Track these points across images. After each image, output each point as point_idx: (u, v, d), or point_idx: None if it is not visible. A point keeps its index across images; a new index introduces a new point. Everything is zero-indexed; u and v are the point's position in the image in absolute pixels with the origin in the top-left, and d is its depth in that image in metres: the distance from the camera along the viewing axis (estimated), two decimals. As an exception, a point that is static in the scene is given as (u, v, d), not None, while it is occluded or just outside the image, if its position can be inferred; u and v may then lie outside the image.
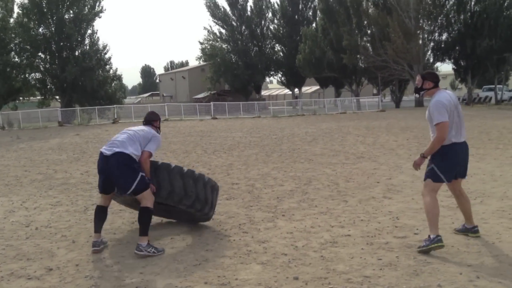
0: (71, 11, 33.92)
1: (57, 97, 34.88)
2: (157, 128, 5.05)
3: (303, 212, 5.80)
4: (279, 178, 8.13)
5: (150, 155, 4.68)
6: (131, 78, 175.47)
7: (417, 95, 4.75)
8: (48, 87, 33.89)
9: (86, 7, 34.39)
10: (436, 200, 4.51)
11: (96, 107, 28.99)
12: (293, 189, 7.22)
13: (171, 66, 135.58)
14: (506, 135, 13.86)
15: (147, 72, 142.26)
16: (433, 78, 4.59)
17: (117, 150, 4.51)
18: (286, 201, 6.44)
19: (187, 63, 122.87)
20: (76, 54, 33.90)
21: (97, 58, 33.66)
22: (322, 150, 11.96)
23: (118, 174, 4.50)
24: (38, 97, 35.26)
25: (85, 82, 31.72)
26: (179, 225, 5.44)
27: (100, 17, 34.72)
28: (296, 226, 5.16)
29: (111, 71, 35.38)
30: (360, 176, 8.18)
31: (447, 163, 4.45)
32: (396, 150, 11.41)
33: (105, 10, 34.78)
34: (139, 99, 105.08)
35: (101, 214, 4.72)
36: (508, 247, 4.26)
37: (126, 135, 4.70)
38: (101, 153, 4.61)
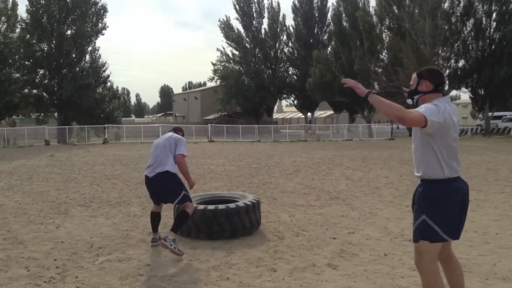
0: (74, 27, 33.27)
1: (55, 114, 34.02)
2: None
3: (202, 288, 4.16)
4: (215, 226, 6.50)
5: (183, 156, 5.29)
6: (153, 98, 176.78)
7: (409, 101, 3.14)
8: (45, 104, 33.04)
9: (89, 24, 33.74)
10: (439, 274, 2.96)
11: (86, 126, 27.86)
12: (219, 246, 5.58)
13: (189, 86, 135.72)
14: (517, 174, 12.00)
15: (165, 92, 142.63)
16: (434, 78, 3.02)
17: (158, 170, 5.16)
18: (194, 266, 4.81)
19: (204, 84, 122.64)
20: (77, 70, 33.07)
21: (95, 76, 32.73)
22: (296, 185, 10.31)
23: (163, 193, 5.28)
24: (37, 114, 34.50)
25: (81, 99, 30.71)
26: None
27: (103, 34, 34.03)
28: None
29: (111, 90, 34.47)
30: (319, 226, 6.52)
31: (446, 209, 2.88)
32: (381, 190, 9.69)
33: (108, 27, 34.10)
34: (155, 118, 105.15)
35: (155, 217, 5.53)
36: None
37: (158, 151, 5.27)
38: (146, 176, 5.30)
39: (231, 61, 59.70)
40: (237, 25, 59.49)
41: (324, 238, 5.88)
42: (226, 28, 58.61)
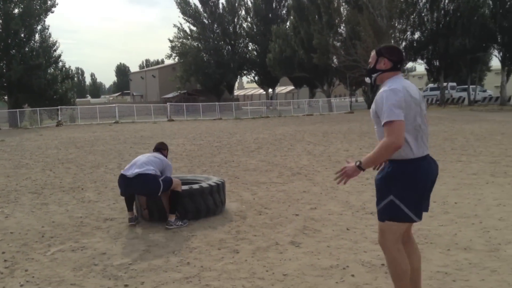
0: (22, 5, 31.51)
1: (5, 97, 32.42)
2: (165, 156, 5.84)
3: (160, 278, 3.97)
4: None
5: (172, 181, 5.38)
6: (109, 77, 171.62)
7: (367, 79, 2.98)
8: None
9: (37, 2, 32.03)
10: (403, 253, 2.83)
11: (38, 108, 26.76)
12: (179, 229, 5.39)
13: (146, 64, 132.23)
14: (472, 143, 12.35)
15: (121, 70, 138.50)
16: (393, 56, 2.88)
17: (138, 171, 5.23)
18: (153, 253, 4.61)
19: (162, 62, 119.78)
20: (26, 50, 31.48)
21: (45, 56, 31.28)
22: (258, 163, 10.20)
23: (144, 191, 5.38)
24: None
25: (32, 81, 29.35)
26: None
27: (52, 12, 32.42)
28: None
29: (63, 70, 33.10)
30: (281, 203, 6.43)
31: (415, 189, 2.74)
32: (342, 164, 9.65)
33: (57, 4, 32.46)
34: (111, 98, 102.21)
35: (129, 196, 5.47)
36: None
37: (145, 159, 5.43)
38: (123, 175, 5.30)
39: (189, 38, 58.48)
40: (194, 0, 57.98)
41: (286, 216, 5.80)
42: (182, 3, 57.16)
